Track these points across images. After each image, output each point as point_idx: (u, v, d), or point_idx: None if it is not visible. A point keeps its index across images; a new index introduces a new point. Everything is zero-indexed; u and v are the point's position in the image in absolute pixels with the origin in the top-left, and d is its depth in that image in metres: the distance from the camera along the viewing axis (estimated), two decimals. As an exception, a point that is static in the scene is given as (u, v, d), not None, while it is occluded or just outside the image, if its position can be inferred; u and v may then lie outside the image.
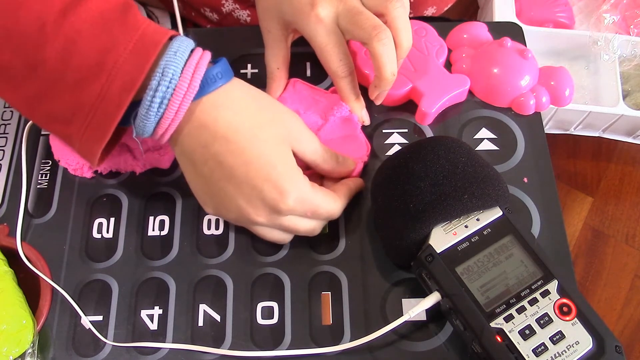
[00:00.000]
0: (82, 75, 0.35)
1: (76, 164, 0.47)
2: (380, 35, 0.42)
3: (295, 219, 0.41)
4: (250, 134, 0.38)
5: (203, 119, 0.38)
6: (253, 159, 0.38)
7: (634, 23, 0.95)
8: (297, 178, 0.39)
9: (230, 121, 0.38)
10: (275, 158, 0.39)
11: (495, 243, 0.39)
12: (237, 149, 0.38)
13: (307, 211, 0.40)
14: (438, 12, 0.73)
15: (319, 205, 0.40)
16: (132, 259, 0.44)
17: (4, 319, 0.39)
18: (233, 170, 0.38)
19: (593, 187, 1.02)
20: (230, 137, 0.38)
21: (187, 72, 0.36)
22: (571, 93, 0.50)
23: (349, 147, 0.46)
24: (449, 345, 0.41)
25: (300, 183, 0.39)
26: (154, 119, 0.36)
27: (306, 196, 0.39)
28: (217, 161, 0.38)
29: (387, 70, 0.43)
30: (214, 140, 0.38)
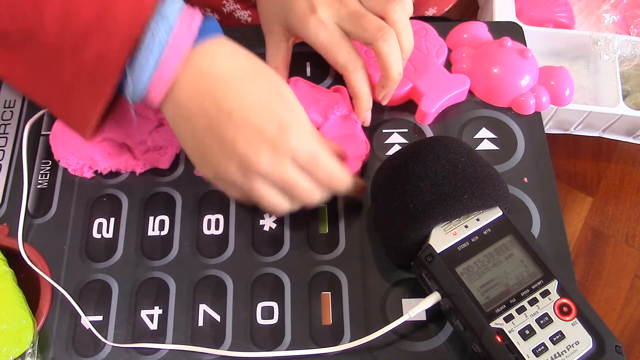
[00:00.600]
0: (80, 32, 0.35)
1: (76, 164, 0.47)
2: (385, 36, 0.43)
3: (296, 173, 0.39)
4: (246, 78, 0.38)
5: (200, 65, 0.37)
6: (250, 101, 0.38)
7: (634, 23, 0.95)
8: (300, 115, 0.39)
9: (228, 67, 0.38)
10: (274, 97, 0.38)
11: (495, 243, 0.39)
12: (235, 93, 0.38)
13: (309, 157, 0.39)
14: (439, 12, 0.73)
15: (322, 155, 0.39)
16: (132, 259, 0.44)
17: (4, 319, 0.39)
18: (232, 115, 0.37)
19: (593, 187, 1.02)
20: (228, 82, 0.38)
21: (184, 17, 0.36)
22: (571, 93, 0.50)
23: (349, 146, 0.46)
24: (449, 345, 0.41)
25: (303, 120, 0.39)
26: (152, 66, 0.36)
27: (309, 136, 0.39)
28: (216, 108, 0.37)
29: (394, 70, 0.44)
30: (212, 86, 0.37)
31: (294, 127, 0.38)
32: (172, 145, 0.47)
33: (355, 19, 0.44)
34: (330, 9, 0.44)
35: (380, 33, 0.43)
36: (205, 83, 0.38)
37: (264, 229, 0.45)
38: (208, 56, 0.38)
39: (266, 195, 0.40)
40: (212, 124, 0.38)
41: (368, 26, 0.43)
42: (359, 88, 0.46)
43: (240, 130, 0.37)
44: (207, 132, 0.38)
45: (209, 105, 0.37)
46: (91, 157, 0.46)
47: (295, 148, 0.38)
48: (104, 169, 0.47)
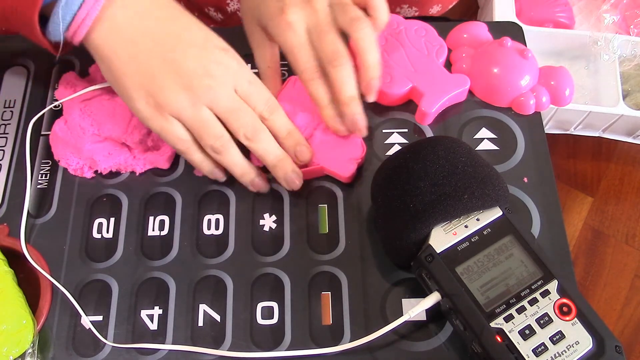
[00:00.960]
0: None
1: (76, 164, 0.47)
2: (335, 62, 0.43)
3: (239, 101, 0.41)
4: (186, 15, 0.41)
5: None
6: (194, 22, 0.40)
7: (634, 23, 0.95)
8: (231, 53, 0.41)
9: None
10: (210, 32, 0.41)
11: (495, 243, 0.39)
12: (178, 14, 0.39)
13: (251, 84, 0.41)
14: (443, 9, 0.73)
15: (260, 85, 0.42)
16: (132, 259, 0.44)
17: (4, 319, 0.39)
18: (181, 36, 0.38)
19: (593, 187, 1.02)
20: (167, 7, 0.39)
21: None
22: (571, 93, 0.50)
23: (345, 148, 0.46)
24: (449, 345, 0.41)
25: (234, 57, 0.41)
26: None
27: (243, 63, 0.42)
28: (162, 29, 0.38)
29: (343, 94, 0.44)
30: (151, 6, 0.38)
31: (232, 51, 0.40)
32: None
33: (318, 33, 0.44)
34: (301, 11, 0.44)
35: (334, 58, 0.43)
36: (145, 4, 0.38)
37: (264, 229, 0.45)
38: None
39: (208, 122, 0.40)
40: (156, 44, 0.37)
41: (325, 47, 0.44)
42: (316, 97, 0.45)
43: (187, 49, 0.38)
44: (149, 55, 0.37)
45: (152, 26, 0.37)
46: (91, 157, 0.46)
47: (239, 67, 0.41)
48: (104, 169, 0.47)
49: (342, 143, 0.46)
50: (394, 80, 0.48)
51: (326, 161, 0.46)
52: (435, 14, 0.73)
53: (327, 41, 0.44)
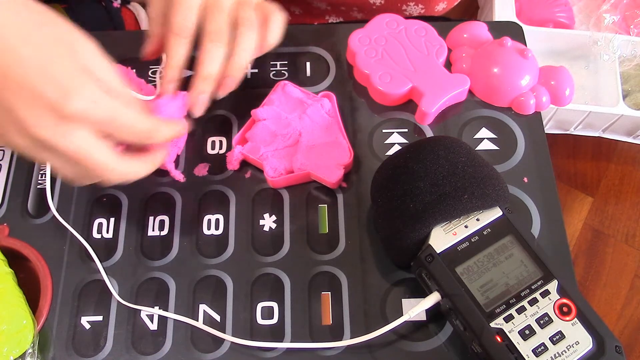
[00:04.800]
0: None
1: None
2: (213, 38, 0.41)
3: (88, 137, 0.34)
4: (31, 29, 0.33)
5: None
6: (31, 56, 0.33)
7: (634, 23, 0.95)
8: (95, 69, 0.34)
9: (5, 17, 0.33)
10: (62, 51, 0.34)
11: (495, 243, 0.39)
12: (11, 47, 0.32)
13: (104, 118, 0.34)
14: (448, 6, 0.73)
15: (120, 113, 0.34)
16: (132, 259, 0.44)
17: (4, 319, 0.39)
18: (7, 74, 0.32)
19: (593, 187, 1.02)
20: (3, 34, 0.32)
21: None
22: (571, 93, 0.50)
23: (332, 153, 0.46)
24: (449, 345, 0.41)
25: (100, 74, 0.34)
26: None
27: (101, 96, 0.34)
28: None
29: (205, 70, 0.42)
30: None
31: (81, 88, 0.33)
32: (173, 146, 0.47)
33: (211, 8, 0.42)
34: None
35: (213, 36, 0.41)
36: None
37: (264, 229, 0.45)
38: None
39: (57, 167, 0.36)
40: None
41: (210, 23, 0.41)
42: (170, 54, 0.42)
43: (18, 92, 0.32)
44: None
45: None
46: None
47: (84, 112, 0.33)
48: (104, 169, 0.47)
49: (329, 149, 0.46)
50: (394, 80, 0.48)
51: (313, 167, 0.45)
52: (440, 11, 0.73)
53: (214, 19, 0.42)
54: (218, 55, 0.42)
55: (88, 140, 0.34)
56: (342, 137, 0.47)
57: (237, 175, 0.47)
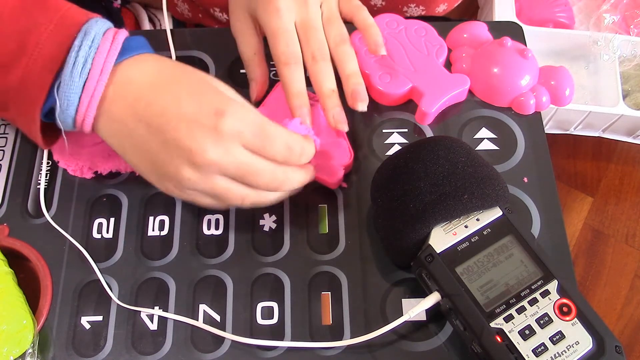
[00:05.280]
0: (4, 60, 0.35)
1: (75, 164, 0.47)
2: (318, 57, 0.45)
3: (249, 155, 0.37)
4: (177, 75, 0.38)
5: (128, 75, 0.37)
6: (183, 93, 0.37)
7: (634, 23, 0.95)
8: (233, 97, 0.38)
9: (154, 71, 0.38)
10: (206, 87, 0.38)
11: (495, 243, 0.39)
12: (165, 91, 0.37)
13: (256, 132, 0.37)
14: (449, 7, 0.73)
15: (269, 126, 0.37)
16: (132, 259, 0.44)
17: (4, 319, 0.39)
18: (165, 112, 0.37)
19: (593, 187, 1.03)
20: (157, 83, 0.37)
21: (109, 34, 0.37)
22: (571, 93, 0.50)
23: (332, 153, 0.46)
24: (449, 345, 0.41)
25: (238, 100, 0.38)
26: (78, 82, 0.36)
27: (249, 112, 0.37)
28: (149, 110, 0.37)
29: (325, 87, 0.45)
30: (141, 91, 0.37)
31: (230, 108, 0.36)
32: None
33: (306, 28, 0.45)
34: (292, 2, 0.45)
35: (317, 54, 0.45)
36: (135, 90, 0.37)
37: (264, 229, 0.45)
38: (134, 66, 0.38)
39: (228, 190, 0.38)
40: (150, 128, 0.37)
41: (311, 43, 0.45)
42: (287, 83, 0.45)
43: (178, 125, 0.36)
44: (148, 139, 0.37)
45: (142, 111, 0.37)
46: (91, 159, 0.46)
47: (239, 128, 0.36)
48: (104, 170, 0.47)
49: (330, 149, 0.46)
50: (394, 80, 0.48)
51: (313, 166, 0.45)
52: (441, 12, 0.73)
53: (313, 38, 0.45)
54: (329, 71, 0.45)
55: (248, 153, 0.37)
56: (342, 138, 0.47)
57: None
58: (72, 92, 0.36)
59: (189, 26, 0.75)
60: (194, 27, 0.75)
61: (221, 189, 0.38)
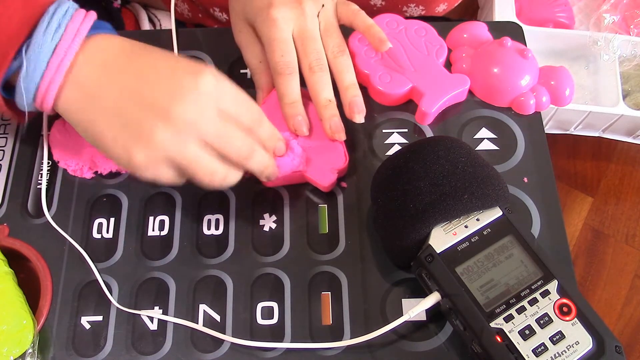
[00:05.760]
0: None
1: (75, 164, 0.47)
2: (315, 68, 0.45)
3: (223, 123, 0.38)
4: (147, 48, 0.39)
5: (99, 44, 0.38)
6: (159, 56, 0.38)
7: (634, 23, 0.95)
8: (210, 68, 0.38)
9: (126, 43, 0.39)
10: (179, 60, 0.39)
11: (495, 243, 0.39)
12: (140, 54, 0.38)
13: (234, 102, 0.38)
14: (449, 7, 0.73)
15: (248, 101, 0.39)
16: (132, 259, 0.44)
17: (4, 319, 0.39)
18: (143, 71, 0.37)
19: (593, 187, 1.03)
20: (130, 49, 0.38)
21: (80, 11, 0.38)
22: (571, 93, 0.50)
23: (327, 156, 0.45)
24: (449, 345, 0.41)
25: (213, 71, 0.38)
26: (49, 44, 0.36)
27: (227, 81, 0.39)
28: (125, 72, 0.37)
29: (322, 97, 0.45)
30: (114, 56, 0.38)
31: (208, 70, 0.38)
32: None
33: (304, 38, 0.46)
34: (289, 11, 0.45)
35: (315, 64, 0.45)
36: (106, 57, 0.38)
37: (264, 229, 0.45)
38: (105, 39, 0.38)
39: (198, 158, 0.38)
40: (124, 91, 0.37)
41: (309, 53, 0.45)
42: (282, 92, 0.45)
43: (155, 86, 0.36)
44: (120, 102, 0.37)
45: (116, 74, 0.37)
46: (91, 159, 0.46)
47: (218, 89, 0.38)
48: (104, 170, 0.47)
49: (326, 152, 0.46)
50: (394, 80, 0.48)
51: (307, 168, 0.45)
52: (441, 12, 0.73)
53: (311, 48, 0.46)
54: (327, 81, 0.46)
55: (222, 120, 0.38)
56: (339, 141, 0.46)
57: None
58: (42, 53, 0.36)
59: (189, 26, 0.75)
60: (194, 27, 0.75)
61: (191, 156, 0.37)
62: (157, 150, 0.36)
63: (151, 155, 0.36)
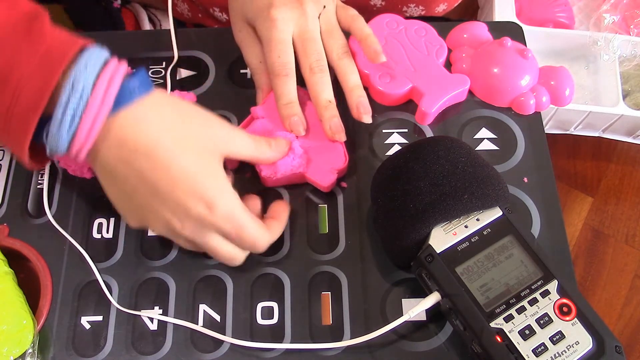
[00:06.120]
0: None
1: (75, 164, 0.46)
2: (316, 69, 0.45)
3: (219, 240, 0.39)
4: (173, 149, 0.37)
5: (122, 135, 0.36)
6: (177, 174, 0.36)
7: (634, 23, 0.95)
8: (226, 191, 0.38)
9: (151, 136, 0.36)
10: (202, 171, 0.37)
11: (495, 243, 0.39)
12: (159, 165, 0.36)
13: (233, 229, 0.38)
14: (449, 7, 0.73)
15: (246, 226, 0.39)
16: (132, 259, 0.44)
17: (4, 319, 0.39)
18: (157, 186, 0.36)
19: (593, 187, 1.02)
20: (152, 152, 0.36)
21: (100, 85, 0.34)
22: (571, 93, 0.50)
23: (327, 156, 0.46)
24: (449, 345, 0.41)
25: (229, 196, 0.38)
26: (66, 137, 0.34)
27: (235, 211, 0.38)
28: (140, 177, 0.36)
29: (322, 98, 0.45)
30: (135, 156, 0.36)
31: (221, 204, 0.37)
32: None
33: (304, 39, 0.46)
34: (290, 12, 0.45)
35: (315, 65, 0.45)
36: (127, 154, 0.36)
37: (264, 229, 0.45)
38: (131, 123, 0.36)
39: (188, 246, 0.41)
40: (138, 192, 0.37)
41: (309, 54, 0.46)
42: (278, 93, 0.46)
43: (167, 205, 0.37)
44: (132, 195, 0.38)
45: (132, 175, 0.37)
46: (91, 158, 0.46)
47: (221, 222, 0.38)
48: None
49: (325, 152, 0.46)
50: (394, 80, 0.48)
51: (307, 168, 0.45)
52: (441, 12, 0.73)
53: (311, 49, 0.46)
54: (326, 83, 0.46)
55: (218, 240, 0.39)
56: (339, 142, 0.46)
57: (237, 176, 0.47)
58: (61, 141, 0.35)
59: (188, 26, 0.75)
60: (193, 27, 0.75)
61: (185, 245, 0.41)
62: (177, 235, 0.39)
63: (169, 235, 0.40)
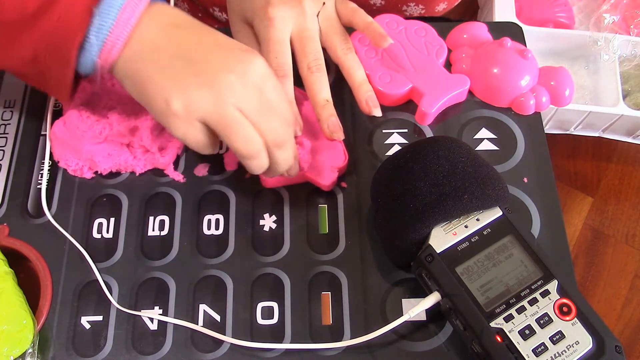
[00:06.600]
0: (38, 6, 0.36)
1: (75, 164, 0.47)
2: (314, 68, 0.45)
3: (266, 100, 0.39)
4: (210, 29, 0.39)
5: (166, 11, 0.39)
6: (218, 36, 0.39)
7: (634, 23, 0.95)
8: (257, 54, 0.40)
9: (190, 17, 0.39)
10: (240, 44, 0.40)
11: (495, 243, 0.39)
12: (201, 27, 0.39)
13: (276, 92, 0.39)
14: (449, 6, 0.73)
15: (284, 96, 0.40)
16: (132, 259, 0.44)
17: (5, 319, 0.39)
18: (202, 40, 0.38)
19: (593, 187, 1.03)
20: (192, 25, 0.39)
21: None
22: (571, 93, 0.50)
23: (327, 155, 0.46)
24: (449, 345, 0.41)
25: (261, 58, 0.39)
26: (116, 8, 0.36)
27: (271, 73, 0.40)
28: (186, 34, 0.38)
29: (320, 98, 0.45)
30: (176, 21, 0.39)
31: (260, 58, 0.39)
32: (173, 146, 0.47)
33: (302, 38, 0.46)
34: (289, 10, 0.45)
35: (314, 64, 0.45)
36: (170, 19, 0.39)
37: (264, 229, 0.45)
38: (168, 7, 0.39)
39: (240, 121, 0.38)
40: (182, 48, 0.38)
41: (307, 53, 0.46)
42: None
43: (211, 53, 0.38)
44: (174, 58, 0.38)
45: (178, 34, 0.38)
46: (91, 158, 0.46)
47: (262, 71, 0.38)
48: (104, 170, 0.47)
49: (325, 151, 0.46)
50: (394, 80, 0.48)
51: (307, 168, 0.45)
52: (441, 11, 0.73)
53: (309, 48, 0.46)
54: (324, 82, 0.46)
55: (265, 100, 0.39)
56: (338, 140, 0.46)
57: (237, 175, 0.47)
58: (108, 17, 0.36)
59: (189, 26, 0.75)
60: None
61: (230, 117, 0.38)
62: (196, 103, 0.37)
63: (189, 107, 0.37)
